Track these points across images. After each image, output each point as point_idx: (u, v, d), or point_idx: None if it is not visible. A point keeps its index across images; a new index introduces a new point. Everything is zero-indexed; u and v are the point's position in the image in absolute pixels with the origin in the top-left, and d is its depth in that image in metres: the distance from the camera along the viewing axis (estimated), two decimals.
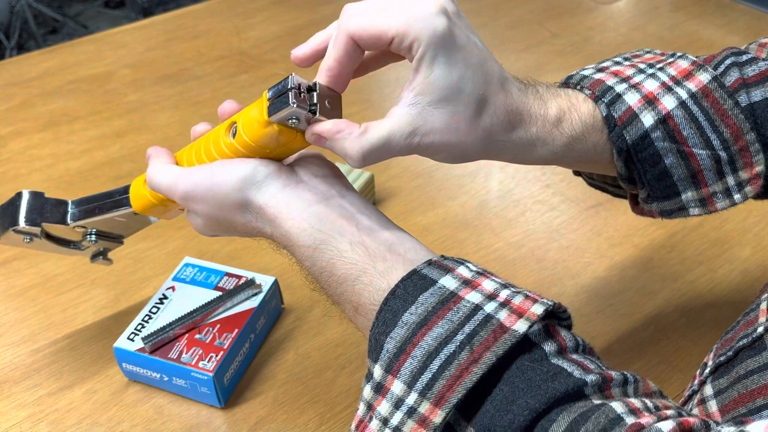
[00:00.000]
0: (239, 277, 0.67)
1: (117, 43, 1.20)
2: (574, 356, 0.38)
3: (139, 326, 0.63)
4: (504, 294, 0.39)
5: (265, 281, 0.67)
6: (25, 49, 2.77)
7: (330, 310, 0.70)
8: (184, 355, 0.60)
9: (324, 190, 0.46)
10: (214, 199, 0.47)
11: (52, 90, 1.08)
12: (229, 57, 1.15)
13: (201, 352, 0.61)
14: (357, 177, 0.80)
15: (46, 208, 0.58)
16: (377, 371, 0.39)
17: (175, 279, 0.68)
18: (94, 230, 0.60)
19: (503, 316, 0.38)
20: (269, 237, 0.47)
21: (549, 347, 0.38)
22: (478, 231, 0.80)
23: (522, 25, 1.22)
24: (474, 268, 0.42)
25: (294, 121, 0.45)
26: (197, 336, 0.62)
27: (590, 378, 0.36)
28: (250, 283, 0.66)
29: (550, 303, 0.39)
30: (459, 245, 0.78)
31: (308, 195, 0.45)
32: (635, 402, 0.36)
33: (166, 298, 0.66)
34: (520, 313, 0.38)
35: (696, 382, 0.49)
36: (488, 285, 0.40)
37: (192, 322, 0.63)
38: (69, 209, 0.59)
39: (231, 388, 0.63)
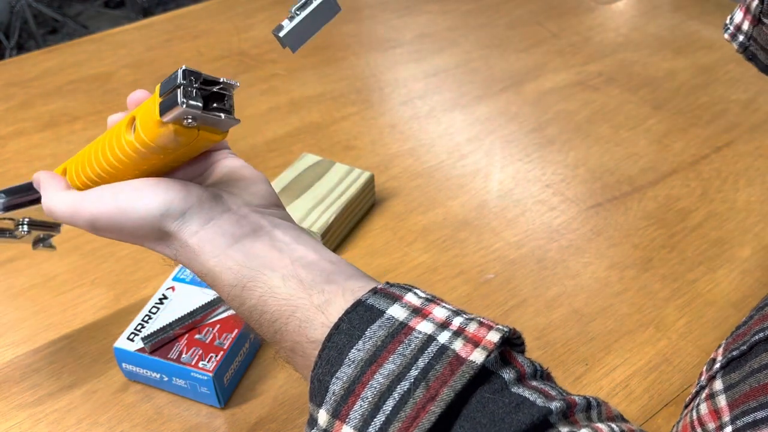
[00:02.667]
0: None
1: (117, 43, 1.20)
2: (534, 383, 0.36)
3: (139, 326, 0.63)
4: (457, 322, 0.36)
5: None
6: (25, 49, 2.77)
7: None
8: (183, 355, 0.60)
9: (254, 220, 0.42)
10: (123, 231, 0.42)
11: (52, 90, 1.08)
12: (229, 57, 1.15)
13: (201, 352, 0.61)
14: (357, 177, 0.80)
15: None
16: (322, 417, 0.35)
17: (175, 279, 0.68)
18: (26, 219, 0.57)
19: (458, 346, 0.35)
20: (193, 271, 0.42)
21: (508, 375, 0.35)
22: (478, 231, 0.80)
23: (522, 25, 1.22)
24: (423, 295, 0.39)
25: (189, 120, 0.39)
26: (197, 336, 0.62)
27: (554, 405, 0.33)
28: None
29: (505, 329, 0.36)
30: (459, 245, 0.78)
31: (235, 229, 0.41)
32: (602, 427, 0.34)
33: (166, 298, 0.66)
34: (476, 342, 0.35)
35: (704, 378, 0.48)
36: (439, 312, 0.37)
37: (192, 322, 0.63)
38: None
39: (231, 388, 0.63)
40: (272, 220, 0.43)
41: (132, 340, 0.62)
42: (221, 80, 0.40)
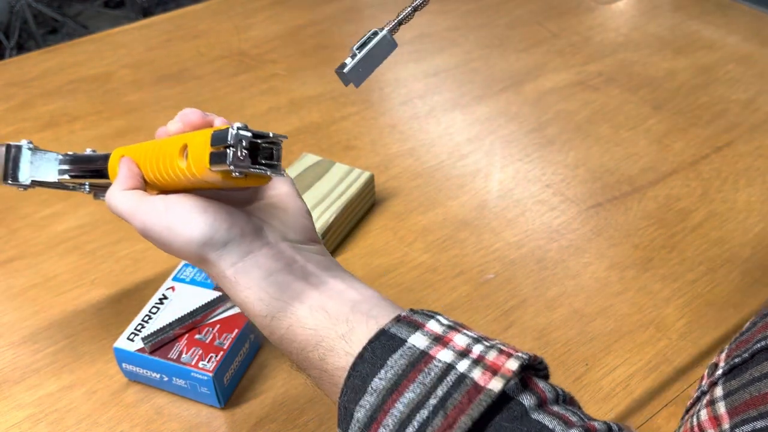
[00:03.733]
0: None
1: (117, 43, 1.20)
2: (555, 408, 0.36)
3: (139, 326, 0.63)
4: (477, 349, 0.37)
5: None
6: (25, 49, 2.77)
7: None
8: (183, 356, 0.60)
9: (289, 255, 0.44)
10: (167, 247, 0.44)
11: (52, 90, 1.08)
12: (229, 57, 1.15)
13: (201, 352, 0.60)
14: (357, 177, 0.80)
15: (37, 164, 0.61)
16: None
17: (175, 279, 0.68)
18: (87, 184, 0.60)
19: (477, 374, 0.36)
20: (228, 295, 0.45)
21: (528, 401, 0.36)
22: (478, 231, 0.80)
23: (522, 25, 1.22)
24: (445, 322, 0.40)
25: (237, 174, 0.40)
26: (197, 336, 0.62)
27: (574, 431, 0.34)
28: None
29: (525, 356, 0.37)
30: (459, 245, 0.78)
31: (270, 263, 0.43)
32: None
33: (166, 298, 0.66)
34: (494, 370, 0.36)
35: (705, 383, 0.48)
36: (460, 340, 0.38)
37: (192, 322, 0.63)
38: (57, 166, 0.61)
39: (231, 388, 0.63)
40: (306, 255, 0.45)
41: (132, 340, 0.62)
42: (270, 135, 0.41)
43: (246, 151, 0.40)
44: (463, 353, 0.37)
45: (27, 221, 0.83)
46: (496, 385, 0.35)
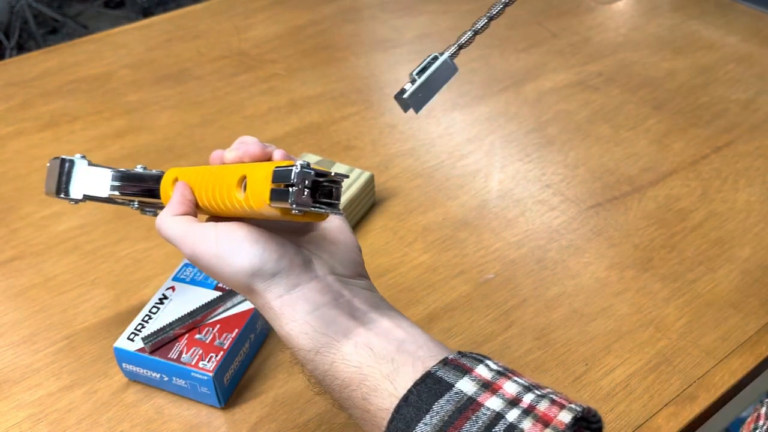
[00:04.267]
0: None
1: (117, 43, 1.20)
2: None
3: (139, 326, 0.63)
4: (528, 399, 0.36)
5: None
6: (25, 49, 2.77)
7: None
8: (184, 355, 0.60)
9: (336, 289, 0.44)
10: (219, 277, 0.44)
11: (52, 90, 1.08)
12: (229, 57, 1.15)
13: (201, 352, 0.61)
14: (357, 177, 0.80)
15: (89, 179, 0.61)
16: None
17: (175, 279, 0.68)
18: (136, 201, 0.60)
19: (527, 425, 0.34)
20: (272, 326, 0.45)
21: None
22: (478, 231, 0.80)
23: (522, 25, 1.22)
24: (495, 367, 0.39)
25: (297, 212, 0.41)
26: (197, 336, 0.62)
27: None
28: None
29: (578, 409, 0.36)
30: (459, 245, 0.78)
31: (317, 296, 0.43)
32: None
33: (166, 298, 0.66)
34: (546, 422, 0.35)
35: (763, 423, 0.47)
36: (510, 388, 0.37)
37: (192, 322, 0.63)
38: (109, 182, 0.61)
39: (231, 388, 0.63)
40: (354, 290, 0.44)
41: (132, 340, 0.62)
42: (332, 174, 0.42)
43: (308, 190, 0.40)
44: (513, 402, 0.36)
45: (27, 221, 0.83)
46: None
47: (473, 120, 0.98)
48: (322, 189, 0.41)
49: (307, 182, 0.40)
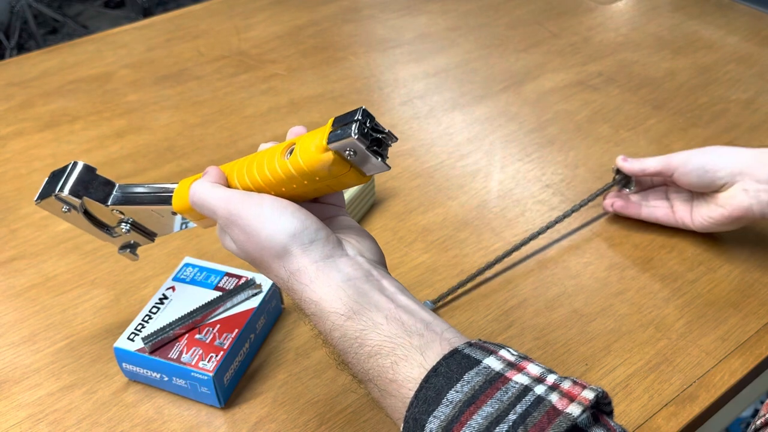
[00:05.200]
0: (239, 277, 0.67)
1: (117, 43, 1.20)
2: None
3: (139, 326, 0.63)
4: (551, 378, 0.38)
5: (266, 281, 0.67)
6: (25, 49, 2.77)
7: None
8: (184, 355, 0.60)
9: (366, 268, 0.46)
10: (255, 238, 0.46)
11: (52, 90, 1.08)
12: (229, 57, 1.15)
13: (201, 352, 0.61)
14: None
15: (92, 184, 0.58)
16: None
17: (175, 279, 0.68)
18: (131, 219, 0.59)
19: (555, 398, 0.36)
20: (298, 301, 0.46)
21: None
22: (478, 231, 0.80)
23: (522, 25, 1.22)
24: (516, 353, 0.40)
25: (351, 153, 0.44)
26: (197, 336, 0.62)
27: None
28: (251, 283, 0.66)
29: (599, 390, 0.38)
30: (459, 245, 0.78)
31: (349, 270, 0.45)
32: None
33: (166, 298, 0.66)
34: (571, 398, 0.36)
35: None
36: (533, 369, 0.39)
37: (192, 322, 0.63)
38: (113, 191, 0.58)
39: (231, 388, 0.63)
40: (382, 272, 0.47)
41: (132, 340, 0.62)
42: (387, 130, 0.45)
43: (368, 129, 0.43)
44: (538, 380, 0.38)
45: (27, 221, 0.83)
46: (574, 410, 0.36)
47: (473, 120, 0.98)
48: (375, 141, 0.44)
49: (368, 121, 0.43)
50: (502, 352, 0.40)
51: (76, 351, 0.67)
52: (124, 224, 0.59)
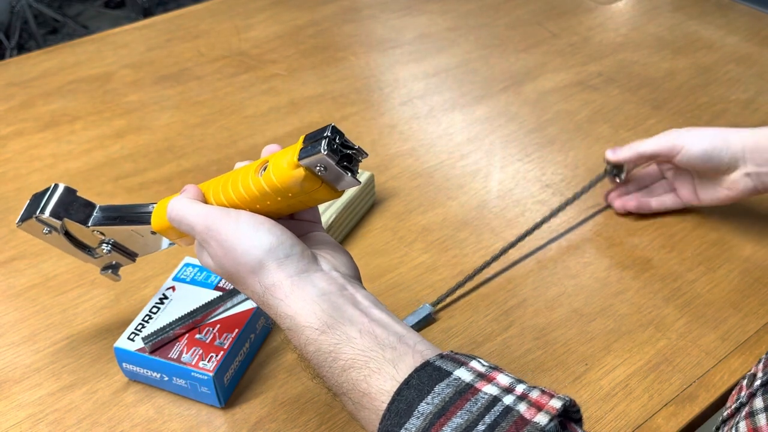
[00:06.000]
0: None
1: (117, 43, 1.20)
2: None
3: (140, 326, 0.63)
4: (520, 388, 0.39)
5: None
6: (26, 49, 2.77)
7: None
8: (184, 355, 0.60)
9: (341, 282, 0.47)
10: (231, 254, 0.46)
11: (52, 90, 1.08)
12: (229, 57, 1.15)
13: (201, 352, 0.61)
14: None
15: (73, 206, 0.59)
16: None
17: (175, 279, 0.68)
18: (112, 240, 0.59)
19: (523, 408, 0.37)
20: (273, 316, 0.46)
21: None
22: (478, 231, 0.80)
23: (522, 25, 1.22)
24: (486, 363, 0.41)
25: (321, 169, 0.45)
26: (197, 336, 0.62)
27: None
28: None
29: (566, 398, 0.38)
30: (459, 245, 0.78)
31: (324, 284, 0.46)
32: None
33: (166, 298, 0.66)
34: (539, 407, 0.37)
35: (744, 394, 0.48)
36: (503, 379, 0.40)
37: (192, 322, 0.63)
38: (94, 213, 0.59)
39: (231, 388, 0.63)
40: (355, 286, 0.47)
41: (132, 339, 0.62)
42: (356, 146, 0.46)
43: (337, 146, 0.44)
44: (507, 390, 0.39)
45: None
46: (542, 419, 0.36)
47: (473, 120, 0.99)
48: (345, 156, 0.45)
49: (336, 138, 0.44)
50: (473, 363, 0.40)
51: (76, 351, 0.67)
52: (105, 245, 0.60)
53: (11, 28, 2.78)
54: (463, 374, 0.39)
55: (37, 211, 0.58)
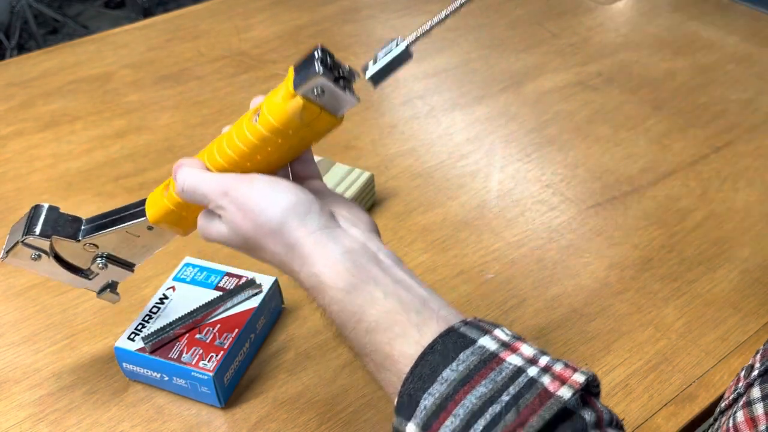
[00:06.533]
0: (239, 277, 0.67)
1: (117, 43, 1.20)
2: (609, 430, 0.37)
3: (140, 326, 0.63)
4: (544, 360, 0.39)
5: (266, 281, 0.67)
6: (26, 49, 2.77)
7: None
8: (184, 355, 0.60)
9: (362, 240, 0.45)
10: (250, 215, 0.45)
11: (52, 90, 1.08)
12: (229, 57, 1.15)
13: (201, 351, 0.61)
14: (357, 177, 0.80)
15: (59, 223, 0.56)
16: (411, 430, 0.38)
17: (175, 279, 0.68)
18: (106, 253, 0.57)
19: (547, 381, 0.37)
20: (295, 275, 0.45)
21: (588, 417, 0.37)
22: (478, 231, 0.80)
23: (522, 25, 1.22)
24: (510, 333, 0.41)
25: (319, 92, 0.43)
26: (197, 336, 0.62)
27: None
28: (251, 283, 0.66)
29: (589, 373, 0.38)
30: (459, 245, 0.78)
31: (346, 242, 0.44)
32: None
33: (166, 298, 0.66)
34: (562, 380, 0.37)
35: (741, 384, 0.48)
36: (527, 350, 0.39)
37: (192, 322, 0.63)
38: (82, 226, 0.56)
39: (231, 388, 0.63)
40: (376, 244, 0.46)
41: (132, 339, 0.62)
42: (348, 66, 0.44)
43: (330, 64, 0.42)
44: (531, 361, 0.38)
45: None
46: (565, 393, 0.36)
47: (473, 120, 0.99)
48: (340, 78, 0.44)
49: (328, 57, 0.43)
50: (497, 332, 0.40)
51: (76, 351, 0.67)
52: (99, 260, 0.57)
53: (11, 28, 2.78)
54: (487, 342, 0.39)
55: (24, 234, 0.54)
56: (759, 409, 0.44)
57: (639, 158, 0.90)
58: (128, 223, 0.54)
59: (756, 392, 0.46)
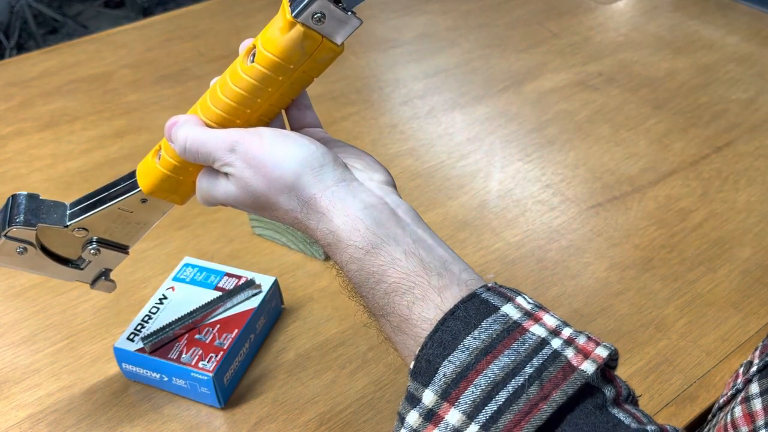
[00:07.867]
0: (239, 277, 0.67)
1: (117, 43, 1.20)
2: (627, 406, 0.37)
3: (139, 326, 0.63)
4: (567, 332, 0.38)
5: (265, 281, 0.67)
6: (25, 49, 2.77)
7: (330, 312, 0.70)
8: (184, 356, 0.60)
9: (379, 194, 0.43)
10: (262, 171, 0.42)
11: (52, 90, 1.08)
12: (229, 57, 1.15)
13: (201, 352, 0.60)
14: None
15: (42, 209, 0.51)
16: (428, 397, 0.36)
17: (175, 279, 0.68)
18: (96, 237, 0.52)
19: (570, 354, 0.36)
20: (311, 232, 0.43)
21: (608, 393, 0.36)
22: (478, 231, 0.80)
23: (522, 25, 1.22)
24: (531, 301, 0.40)
25: (319, 17, 0.40)
26: (197, 336, 0.62)
27: (650, 428, 0.34)
28: (250, 284, 0.66)
29: (611, 347, 0.37)
30: (459, 245, 0.78)
31: (365, 196, 0.42)
32: None
33: (165, 298, 0.66)
34: (585, 354, 0.36)
35: (740, 380, 0.48)
36: (549, 320, 0.38)
37: (192, 322, 0.63)
38: (67, 211, 0.52)
39: (231, 388, 0.63)
40: (393, 199, 0.44)
41: (132, 340, 0.62)
42: None
43: None
44: (554, 332, 0.37)
45: None
46: (588, 367, 0.35)
47: (473, 120, 0.98)
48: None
49: None
50: (519, 300, 0.39)
51: (76, 351, 0.67)
52: (90, 246, 0.52)
53: (11, 27, 2.78)
54: (510, 310, 0.38)
55: (6, 227, 0.50)
56: (757, 404, 0.44)
57: (639, 158, 0.90)
58: (119, 199, 0.50)
59: (755, 388, 0.46)
